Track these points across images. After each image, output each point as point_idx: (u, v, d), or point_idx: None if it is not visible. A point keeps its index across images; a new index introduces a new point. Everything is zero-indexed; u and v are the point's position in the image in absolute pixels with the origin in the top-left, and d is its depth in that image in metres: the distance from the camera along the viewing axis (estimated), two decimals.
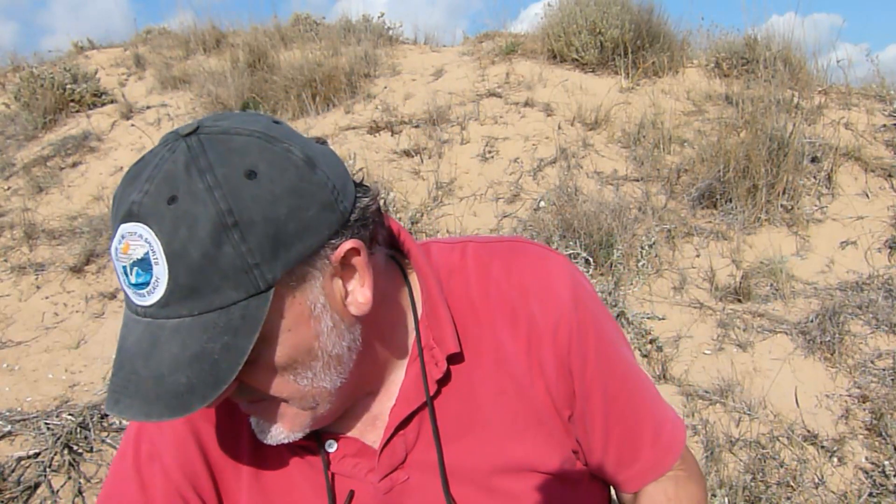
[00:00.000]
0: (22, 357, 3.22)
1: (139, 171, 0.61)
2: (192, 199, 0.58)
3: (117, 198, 0.61)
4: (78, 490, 2.49)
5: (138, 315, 0.61)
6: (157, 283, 0.58)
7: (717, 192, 3.62)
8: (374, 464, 0.77)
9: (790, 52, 4.49)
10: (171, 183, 0.59)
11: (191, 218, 0.58)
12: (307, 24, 6.06)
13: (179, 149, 0.60)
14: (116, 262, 0.60)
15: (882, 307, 2.97)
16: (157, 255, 0.58)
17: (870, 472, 2.40)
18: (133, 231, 0.59)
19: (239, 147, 0.61)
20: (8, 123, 5.18)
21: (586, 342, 0.79)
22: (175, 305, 0.59)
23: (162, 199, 0.58)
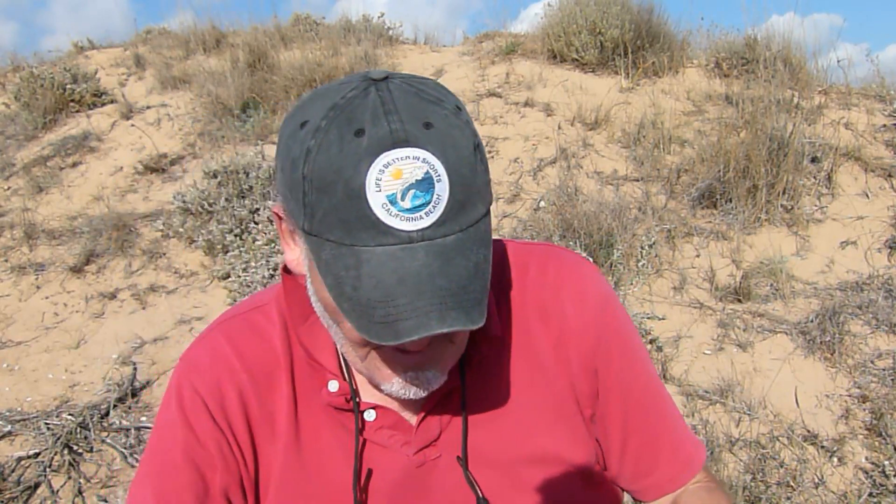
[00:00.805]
0: (22, 357, 3.22)
1: (356, 111, 0.62)
2: (446, 123, 0.62)
3: (333, 142, 0.61)
4: (78, 490, 2.49)
5: (412, 241, 0.61)
6: (438, 201, 0.61)
7: (717, 192, 3.62)
8: (409, 437, 0.79)
9: (790, 52, 4.49)
10: (418, 112, 0.62)
11: (453, 139, 0.62)
12: (307, 24, 6.06)
13: (395, 87, 0.63)
14: (376, 194, 0.59)
15: (882, 307, 2.97)
16: (439, 174, 0.60)
17: (870, 472, 2.40)
18: (406, 155, 0.60)
19: (435, 85, 0.67)
20: (8, 123, 5.18)
21: (612, 347, 0.82)
22: (450, 223, 0.62)
23: (419, 126, 0.61)
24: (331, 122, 0.62)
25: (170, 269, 3.68)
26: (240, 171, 3.72)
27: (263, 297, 0.86)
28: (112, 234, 3.82)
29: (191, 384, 0.80)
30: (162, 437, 0.80)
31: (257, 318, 0.83)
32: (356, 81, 0.64)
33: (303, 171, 0.61)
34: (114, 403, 2.84)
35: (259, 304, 0.85)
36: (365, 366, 0.73)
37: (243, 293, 3.31)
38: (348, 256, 0.61)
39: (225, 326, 0.84)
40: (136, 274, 3.67)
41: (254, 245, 3.45)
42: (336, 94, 0.64)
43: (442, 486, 0.80)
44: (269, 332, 0.82)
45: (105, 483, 2.54)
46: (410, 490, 0.80)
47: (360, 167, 0.59)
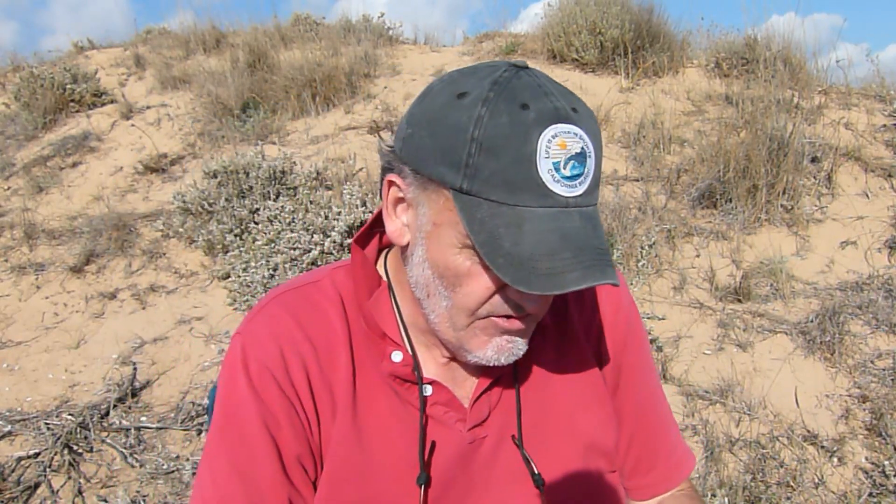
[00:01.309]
0: (22, 357, 3.22)
1: (519, 90, 0.69)
2: (586, 112, 0.71)
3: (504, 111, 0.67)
4: (78, 490, 2.49)
5: (568, 206, 0.69)
6: (588, 174, 0.69)
7: (717, 192, 3.62)
8: (462, 415, 0.84)
9: (790, 52, 4.49)
10: (567, 97, 0.70)
11: (591, 126, 0.70)
12: (307, 24, 6.06)
13: (541, 75, 0.72)
14: (546, 160, 0.67)
15: (882, 307, 2.97)
16: (590, 151, 0.69)
17: (870, 472, 2.40)
18: (568, 130, 0.67)
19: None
20: (8, 123, 5.18)
21: (635, 350, 0.93)
22: (590, 195, 0.70)
23: (570, 109, 0.69)
24: (497, 94, 0.68)
25: (170, 269, 3.68)
26: (240, 171, 3.72)
27: (316, 274, 0.90)
28: (112, 234, 3.82)
29: (255, 356, 0.81)
30: (233, 411, 0.81)
31: (313, 292, 0.86)
32: (503, 66, 0.72)
33: (472, 133, 0.67)
34: (114, 403, 2.84)
35: (313, 280, 0.88)
36: (461, 334, 0.77)
37: (243, 293, 3.31)
38: (509, 215, 0.67)
39: (281, 299, 0.86)
40: (136, 274, 3.67)
41: (254, 245, 3.44)
42: (490, 73, 0.71)
43: (489, 465, 0.84)
44: (325, 306, 0.85)
45: (105, 483, 2.54)
46: (461, 466, 0.84)
47: (531, 135, 0.66)
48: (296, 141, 4.48)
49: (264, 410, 0.79)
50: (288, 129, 4.64)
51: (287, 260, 3.26)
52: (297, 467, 0.80)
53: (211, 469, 0.80)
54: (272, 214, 3.53)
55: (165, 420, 2.81)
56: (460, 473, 0.84)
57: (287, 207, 3.54)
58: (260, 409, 0.79)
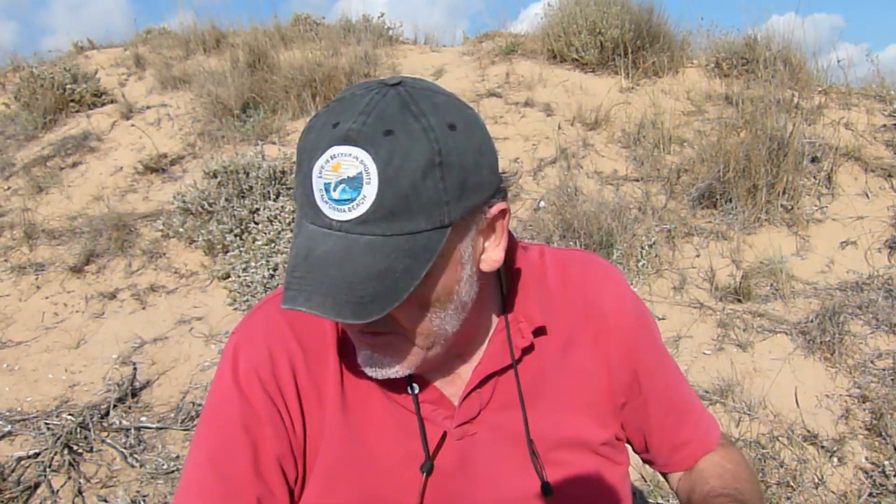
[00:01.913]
0: (22, 357, 3.22)
1: (348, 107, 0.68)
2: (407, 135, 0.66)
3: (320, 126, 0.69)
4: (78, 490, 2.49)
5: (330, 229, 0.67)
6: (362, 201, 0.66)
7: (717, 192, 3.62)
8: (451, 412, 0.85)
9: (790, 52, 4.49)
10: (387, 119, 0.67)
11: (405, 151, 0.66)
12: (307, 24, 6.06)
13: (390, 94, 0.69)
14: (317, 179, 0.67)
15: (882, 307, 2.97)
16: (370, 177, 0.65)
17: (870, 472, 2.40)
18: (348, 153, 0.65)
19: (441, 103, 0.71)
20: (8, 123, 5.18)
21: (647, 349, 0.94)
22: (371, 224, 0.66)
23: (378, 131, 0.66)
24: (329, 110, 0.70)
25: (170, 269, 3.68)
26: (240, 171, 3.72)
27: None
28: (112, 234, 3.82)
29: (245, 354, 0.84)
30: (217, 406, 0.84)
31: None
32: (375, 83, 0.71)
33: (299, 144, 0.71)
34: (114, 403, 2.84)
35: None
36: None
37: (243, 293, 3.31)
38: (297, 226, 0.71)
39: (277, 300, 0.87)
40: (136, 274, 3.67)
41: (254, 245, 3.45)
42: (354, 89, 0.71)
43: (479, 461, 0.86)
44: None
45: (105, 483, 2.54)
46: (455, 462, 0.85)
47: (317, 153, 0.67)
48: (295, 141, 4.47)
49: (246, 409, 0.82)
50: (288, 129, 4.64)
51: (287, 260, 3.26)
52: (274, 468, 0.81)
53: (191, 458, 0.82)
54: (272, 214, 3.53)
55: (165, 420, 2.81)
56: (448, 468, 0.85)
57: (287, 207, 3.54)
58: (242, 407, 0.82)
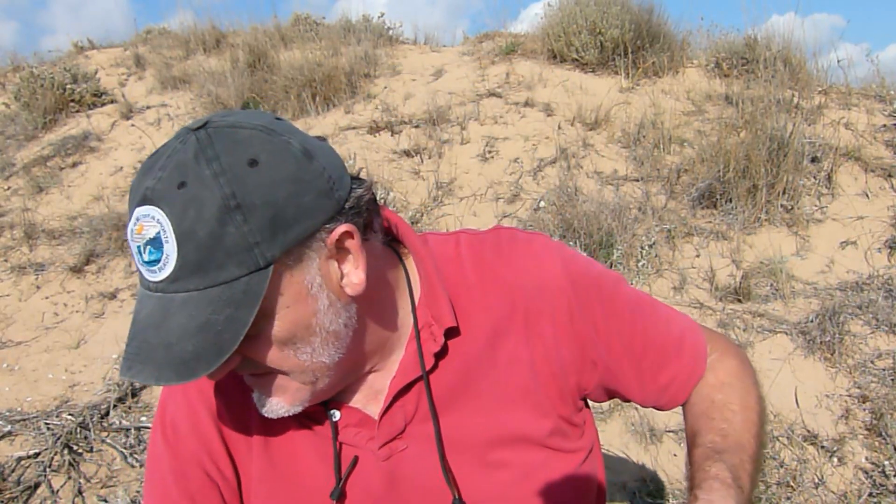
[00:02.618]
0: (22, 357, 3.22)
1: (154, 162, 0.67)
2: (199, 184, 0.64)
3: (134, 186, 0.67)
4: (78, 490, 2.49)
5: (150, 290, 0.67)
6: (167, 260, 0.64)
7: (717, 192, 3.62)
8: (374, 432, 0.82)
9: (790, 52, 4.49)
10: (182, 170, 0.65)
11: (198, 201, 0.63)
12: (307, 24, 6.06)
13: (190, 141, 0.67)
14: (132, 243, 0.66)
15: (882, 307, 2.97)
16: (167, 235, 0.64)
17: (870, 472, 2.40)
18: (147, 213, 0.64)
19: (243, 139, 0.67)
20: (8, 123, 5.18)
21: (587, 301, 0.86)
22: (183, 281, 0.65)
23: (173, 185, 0.64)
24: (142, 166, 0.69)
25: None
26: None
27: None
28: (112, 234, 3.82)
29: (168, 410, 0.86)
30: (152, 463, 0.87)
31: None
32: (183, 130, 0.69)
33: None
34: (114, 403, 2.84)
35: None
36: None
37: None
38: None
39: None
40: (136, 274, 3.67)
41: None
42: (168, 141, 0.70)
43: (412, 476, 0.83)
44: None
45: (105, 483, 2.54)
46: (382, 483, 0.82)
47: (129, 217, 0.67)
48: None
49: (174, 464, 0.83)
50: None
51: None
52: None
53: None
54: None
55: None
56: (381, 490, 0.83)
57: None
58: (171, 462, 0.83)
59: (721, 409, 0.86)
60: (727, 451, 0.80)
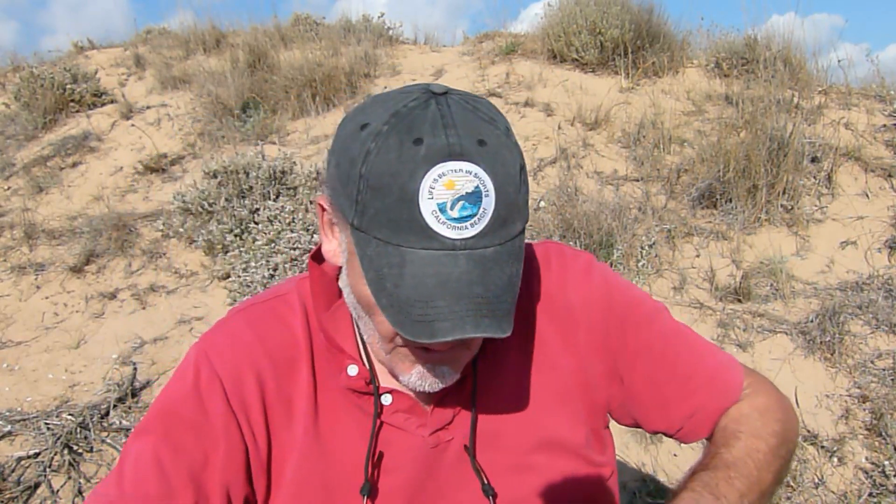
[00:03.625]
0: (22, 357, 3.22)
1: (415, 121, 0.66)
2: (497, 143, 0.67)
3: (394, 147, 0.65)
4: (78, 490, 2.49)
5: (455, 249, 0.65)
6: (483, 214, 0.65)
7: (717, 192, 3.62)
8: (424, 419, 0.84)
9: (790, 52, 4.48)
10: (473, 129, 0.66)
11: (501, 158, 0.66)
12: (307, 24, 6.06)
13: (453, 103, 0.68)
14: (427, 201, 0.64)
15: (882, 307, 2.97)
16: (487, 189, 0.65)
17: (870, 472, 2.39)
18: (459, 168, 0.64)
19: (487, 106, 0.71)
20: (8, 123, 5.18)
21: (622, 327, 0.88)
22: (491, 236, 0.66)
23: (473, 142, 0.65)
24: (392, 127, 0.66)
25: (170, 269, 3.68)
26: (240, 171, 3.72)
27: (283, 287, 0.90)
28: (112, 234, 3.82)
29: (210, 365, 0.82)
30: (171, 406, 0.81)
31: (278, 306, 0.86)
32: (417, 93, 0.69)
33: (360, 170, 0.66)
34: (114, 403, 2.84)
35: (280, 293, 0.88)
36: (388, 357, 0.77)
37: (243, 293, 3.31)
38: (393, 255, 0.66)
39: (246, 313, 0.87)
40: (136, 274, 3.67)
41: (254, 245, 3.44)
42: (398, 102, 0.68)
43: (452, 467, 0.84)
44: (289, 319, 0.85)
45: None
46: (424, 470, 0.84)
47: (416, 174, 0.64)
48: (296, 141, 4.48)
49: (202, 420, 0.79)
50: (288, 129, 4.64)
51: (287, 260, 3.26)
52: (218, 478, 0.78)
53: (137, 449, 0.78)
54: (272, 214, 3.53)
55: None
56: (425, 477, 0.84)
57: (287, 207, 3.54)
58: (197, 417, 0.79)
59: (727, 436, 0.85)
60: (715, 468, 0.79)
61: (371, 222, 0.66)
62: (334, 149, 0.72)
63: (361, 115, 0.70)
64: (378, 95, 0.73)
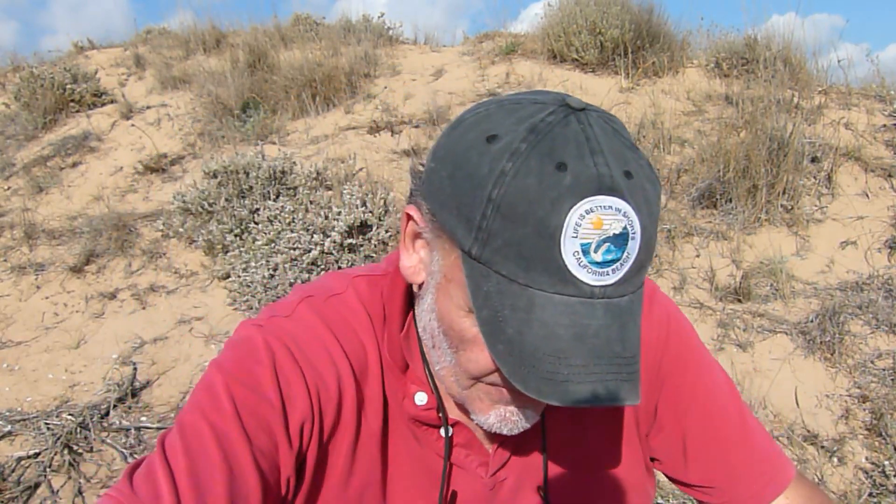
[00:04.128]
0: (22, 357, 3.22)
1: (555, 141, 0.57)
2: (642, 175, 0.58)
3: (534, 170, 0.55)
4: (78, 490, 2.49)
5: (594, 297, 0.56)
6: (626, 260, 0.56)
7: (717, 192, 3.62)
8: (484, 458, 0.76)
9: (790, 52, 4.49)
10: (620, 157, 0.57)
11: (646, 193, 0.57)
12: (307, 24, 6.06)
13: (593, 121, 0.59)
14: (571, 240, 0.55)
15: (882, 307, 2.97)
16: (634, 231, 0.56)
17: (870, 472, 2.39)
18: (609, 204, 0.55)
19: (623, 129, 0.62)
20: (8, 123, 5.18)
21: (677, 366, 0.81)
22: (627, 283, 0.57)
23: (621, 173, 0.56)
24: (531, 147, 0.56)
25: (170, 269, 3.68)
26: (240, 171, 3.72)
27: (334, 284, 0.78)
28: (112, 234, 3.82)
29: (289, 354, 0.70)
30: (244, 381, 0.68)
31: (341, 307, 0.75)
32: (552, 105, 0.60)
33: (490, 192, 0.56)
34: (114, 403, 2.84)
35: (335, 291, 0.77)
36: (464, 393, 0.68)
37: (243, 293, 3.31)
38: (519, 296, 0.57)
39: (313, 306, 0.75)
40: (136, 274, 3.67)
41: (254, 245, 3.44)
42: (532, 114, 0.59)
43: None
44: (355, 324, 0.75)
45: (105, 483, 2.54)
46: None
47: (560, 206, 0.54)
48: (296, 141, 4.48)
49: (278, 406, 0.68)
50: (288, 129, 4.64)
51: (287, 260, 3.26)
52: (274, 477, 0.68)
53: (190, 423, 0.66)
54: (272, 214, 3.53)
55: (165, 420, 2.81)
56: None
57: (287, 207, 3.54)
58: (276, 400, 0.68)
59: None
60: None
61: (496, 255, 0.56)
62: (444, 157, 0.61)
63: (486, 123, 0.60)
64: (502, 101, 0.63)
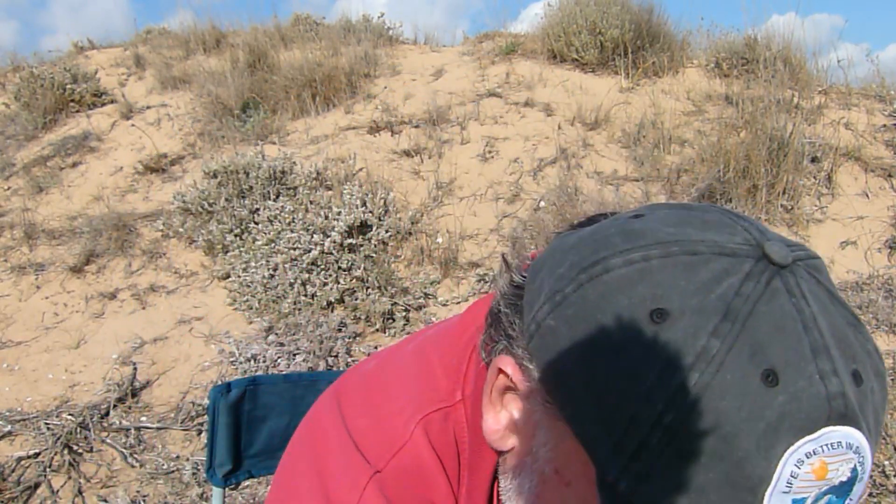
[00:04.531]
0: (22, 357, 3.22)
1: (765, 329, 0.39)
2: (869, 367, 0.41)
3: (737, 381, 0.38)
4: (78, 490, 2.49)
5: None
6: None
7: (717, 192, 3.62)
8: None
9: (790, 52, 4.49)
10: (846, 348, 0.40)
11: (874, 402, 0.41)
12: (307, 24, 6.06)
13: (806, 286, 0.42)
14: (780, 497, 0.38)
15: (882, 307, 2.97)
16: (864, 469, 0.40)
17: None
18: (840, 440, 0.38)
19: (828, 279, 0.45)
20: (8, 123, 5.18)
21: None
22: None
23: (850, 380, 0.39)
24: (727, 345, 0.38)
25: (170, 269, 3.68)
26: (240, 171, 3.72)
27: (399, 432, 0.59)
28: (112, 234, 3.82)
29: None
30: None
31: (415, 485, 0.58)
32: (747, 258, 0.41)
33: (662, 413, 0.39)
34: (114, 403, 2.84)
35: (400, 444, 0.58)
36: None
37: (243, 293, 3.31)
38: None
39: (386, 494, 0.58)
40: (136, 274, 3.67)
41: (254, 245, 3.44)
42: (721, 277, 0.40)
43: None
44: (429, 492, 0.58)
45: (105, 483, 2.54)
46: None
47: (771, 447, 0.37)
48: (296, 141, 4.48)
49: None
50: (288, 129, 4.64)
51: (287, 260, 3.26)
52: None
53: None
54: (272, 214, 3.53)
55: (165, 420, 2.81)
56: None
57: (287, 207, 3.54)
58: None
59: None
60: None
61: (654, 497, 0.40)
62: (576, 317, 0.44)
63: (649, 284, 0.41)
64: (666, 238, 0.43)
